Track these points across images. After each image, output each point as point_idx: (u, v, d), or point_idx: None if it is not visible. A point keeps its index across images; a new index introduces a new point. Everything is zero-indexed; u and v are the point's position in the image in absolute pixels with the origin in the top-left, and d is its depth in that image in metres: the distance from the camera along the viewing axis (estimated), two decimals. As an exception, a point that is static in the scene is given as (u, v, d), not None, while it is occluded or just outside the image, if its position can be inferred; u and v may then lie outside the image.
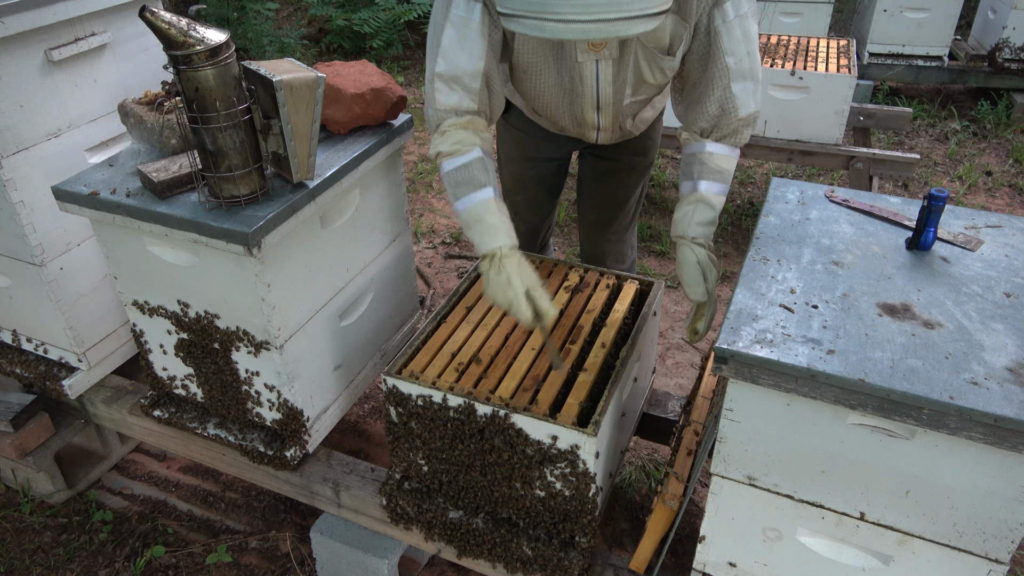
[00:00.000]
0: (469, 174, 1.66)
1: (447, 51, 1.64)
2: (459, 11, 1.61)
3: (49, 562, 2.28)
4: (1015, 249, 1.53)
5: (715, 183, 1.72)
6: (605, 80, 1.76)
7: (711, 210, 1.71)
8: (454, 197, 1.69)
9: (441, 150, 1.69)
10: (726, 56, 1.63)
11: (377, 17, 6.15)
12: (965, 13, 5.74)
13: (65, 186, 1.78)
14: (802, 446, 1.34)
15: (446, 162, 1.69)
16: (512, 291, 1.59)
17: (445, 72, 1.65)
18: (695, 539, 1.57)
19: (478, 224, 1.65)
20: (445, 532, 1.80)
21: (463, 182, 1.66)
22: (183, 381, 2.04)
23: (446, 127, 1.69)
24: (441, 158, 1.70)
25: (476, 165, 1.66)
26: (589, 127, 1.91)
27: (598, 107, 1.83)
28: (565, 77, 1.76)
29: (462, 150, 1.67)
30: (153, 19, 1.48)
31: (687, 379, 3.00)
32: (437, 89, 1.67)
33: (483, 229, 1.64)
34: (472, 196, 1.65)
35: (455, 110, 1.68)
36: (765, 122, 3.58)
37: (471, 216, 1.66)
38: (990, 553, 1.29)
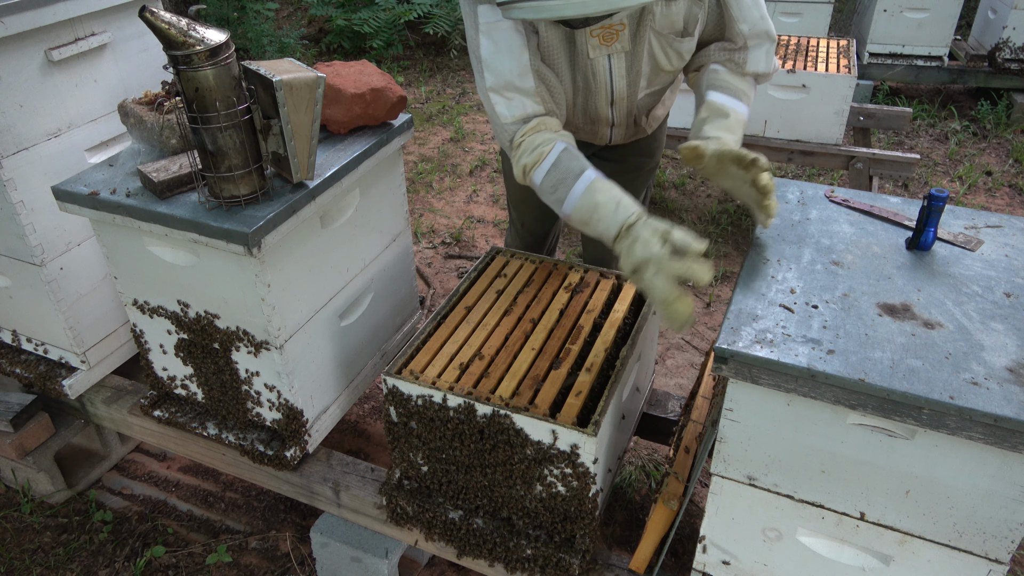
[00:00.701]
0: (561, 171, 1.57)
1: (489, 62, 1.59)
2: (486, 18, 1.57)
3: (49, 562, 2.28)
4: (1015, 249, 1.53)
5: (726, 95, 1.65)
6: (618, 75, 1.73)
7: (723, 117, 1.61)
8: (558, 203, 1.57)
9: (526, 163, 1.61)
10: (739, 24, 1.66)
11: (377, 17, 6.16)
12: (965, 13, 5.74)
13: (65, 186, 1.78)
14: (802, 446, 1.34)
15: (535, 173, 1.60)
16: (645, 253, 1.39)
17: (496, 83, 1.60)
18: (695, 539, 1.57)
19: (596, 211, 1.51)
20: (445, 532, 1.80)
21: (559, 182, 1.57)
22: (183, 381, 2.04)
23: (519, 139, 1.62)
24: (529, 173, 1.61)
25: (564, 158, 1.58)
26: (603, 124, 1.89)
27: (612, 102, 1.81)
28: (579, 76, 1.74)
29: (544, 152, 1.60)
30: (153, 19, 1.48)
31: (687, 379, 3.00)
32: (495, 104, 1.61)
33: (602, 214, 1.50)
34: (574, 190, 1.55)
35: (521, 119, 1.62)
36: (765, 122, 3.59)
37: (585, 209, 1.53)
38: (990, 553, 1.29)
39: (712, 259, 1.50)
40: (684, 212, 4.16)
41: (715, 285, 3.57)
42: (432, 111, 5.38)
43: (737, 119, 1.64)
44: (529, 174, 1.61)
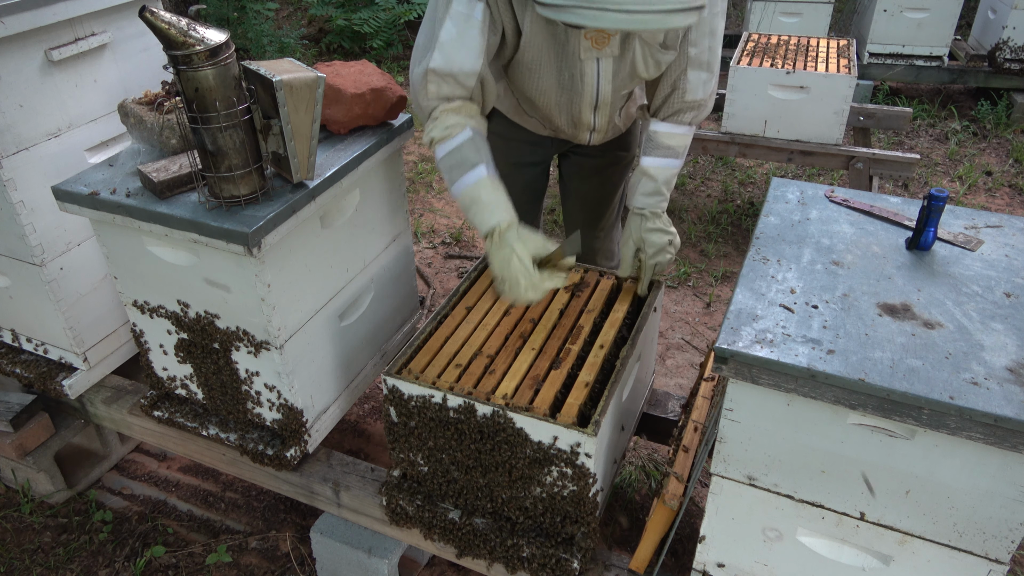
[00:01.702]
0: (460, 156, 1.66)
1: (445, 47, 1.61)
2: (460, 7, 1.59)
3: (49, 562, 2.28)
4: (1015, 249, 1.53)
5: (657, 157, 1.85)
6: (605, 78, 1.76)
7: (652, 182, 1.84)
8: (450, 182, 1.68)
9: (434, 136, 1.68)
10: (690, 46, 1.73)
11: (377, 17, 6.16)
12: (965, 13, 5.74)
13: (65, 186, 1.78)
14: (802, 446, 1.34)
15: (439, 147, 1.68)
16: (516, 262, 1.59)
17: (440, 68, 1.63)
18: (695, 539, 1.57)
19: (475, 205, 1.64)
20: (445, 532, 1.80)
21: (455, 165, 1.66)
22: (183, 381, 2.04)
23: (438, 113, 1.68)
24: (435, 145, 1.69)
25: (467, 146, 1.66)
26: (584, 128, 1.92)
27: (596, 106, 1.83)
28: (565, 75, 1.76)
29: (453, 133, 1.66)
30: (153, 19, 1.48)
31: (687, 379, 3.00)
32: (430, 82, 1.65)
33: (480, 209, 1.63)
34: (465, 178, 1.65)
35: (446, 98, 1.67)
36: (765, 122, 3.59)
37: (467, 198, 1.65)
38: (990, 553, 1.29)
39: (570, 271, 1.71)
40: (684, 212, 4.16)
41: (715, 285, 3.57)
42: (432, 111, 5.38)
43: (666, 178, 1.86)
44: (434, 146, 1.70)
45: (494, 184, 1.66)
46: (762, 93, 3.51)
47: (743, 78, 3.52)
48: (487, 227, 1.63)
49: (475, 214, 1.64)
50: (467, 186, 1.65)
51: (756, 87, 3.51)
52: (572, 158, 2.21)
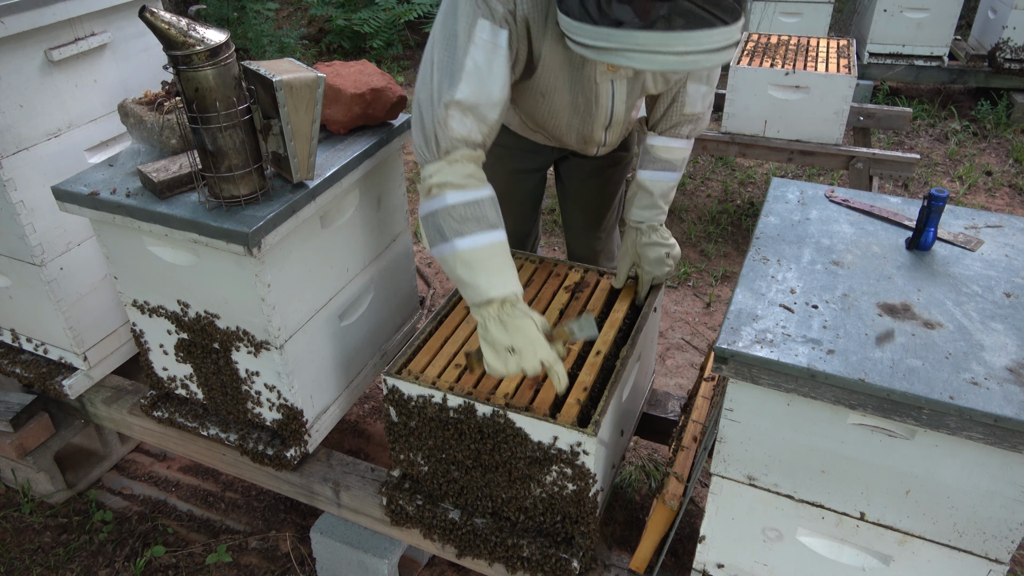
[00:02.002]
0: (481, 211, 1.53)
1: (473, 77, 1.48)
2: (484, 35, 1.47)
3: (49, 562, 2.28)
4: (1015, 249, 1.53)
5: (654, 171, 1.87)
6: (619, 99, 1.75)
7: (648, 195, 1.87)
8: (454, 233, 1.52)
9: (449, 180, 1.52)
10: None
11: (377, 17, 6.16)
12: (965, 13, 5.74)
13: (65, 186, 1.78)
14: (802, 446, 1.34)
15: (452, 193, 1.52)
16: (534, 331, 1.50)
17: (467, 100, 1.49)
18: (695, 539, 1.57)
19: (485, 264, 1.51)
20: (445, 532, 1.80)
21: (471, 218, 1.52)
22: (183, 381, 2.04)
23: (457, 156, 1.54)
24: (446, 189, 1.52)
25: (489, 204, 1.55)
26: (593, 144, 1.91)
27: (608, 125, 1.82)
28: (580, 99, 1.73)
29: (474, 184, 1.54)
30: (153, 19, 1.48)
31: (687, 379, 3.00)
32: (451, 116, 1.51)
33: (491, 273, 1.51)
34: (483, 235, 1.52)
35: (466, 141, 1.54)
36: (765, 122, 3.59)
37: (478, 256, 1.52)
38: (990, 553, 1.29)
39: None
40: (684, 212, 4.16)
41: (715, 285, 3.57)
42: (432, 111, 5.38)
43: (663, 191, 1.88)
44: (443, 189, 1.53)
45: (507, 250, 1.56)
46: (762, 93, 3.51)
47: (743, 78, 3.52)
48: (498, 293, 1.50)
49: (483, 277, 1.51)
50: (480, 245, 1.52)
51: (756, 87, 3.51)
52: (572, 160, 2.20)
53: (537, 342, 1.50)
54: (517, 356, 1.49)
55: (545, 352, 1.51)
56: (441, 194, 1.53)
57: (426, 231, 1.58)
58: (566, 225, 2.40)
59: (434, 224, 1.55)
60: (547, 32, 1.55)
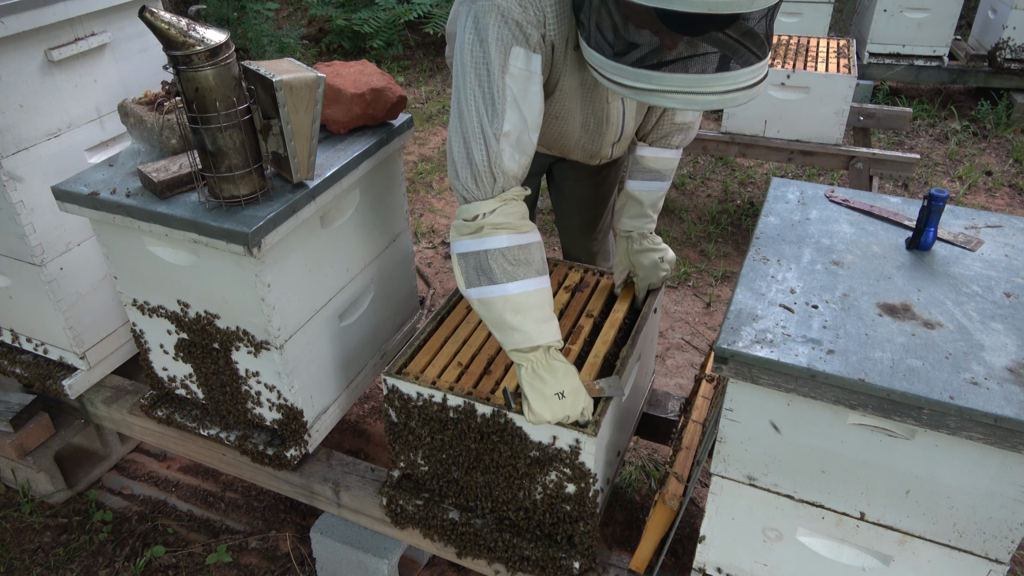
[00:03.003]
0: (530, 255, 1.51)
1: (513, 107, 1.45)
2: (519, 63, 1.44)
3: (49, 562, 2.28)
4: (1015, 249, 1.53)
5: (643, 180, 1.89)
6: (629, 116, 1.76)
7: (638, 205, 1.89)
8: (507, 276, 1.48)
9: (508, 222, 1.48)
10: None
11: (377, 17, 6.15)
12: (965, 13, 5.74)
13: (65, 186, 1.78)
14: (802, 446, 1.34)
15: (507, 236, 1.48)
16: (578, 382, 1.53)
17: (514, 131, 1.46)
18: (695, 539, 1.57)
19: (535, 310, 1.49)
20: (445, 532, 1.80)
21: (523, 262, 1.49)
22: (183, 381, 2.04)
23: (511, 195, 1.50)
24: (502, 230, 1.48)
25: (538, 249, 1.53)
26: (599, 158, 1.91)
27: (617, 142, 1.83)
28: (591, 119, 1.73)
29: (527, 227, 1.52)
30: (153, 19, 1.48)
31: (687, 379, 3.00)
32: (503, 151, 1.46)
33: (541, 317, 1.50)
34: (534, 280, 1.50)
35: (516, 177, 1.50)
36: (765, 122, 3.59)
37: (530, 301, 1.49)
38: (990, 553, 1.29)
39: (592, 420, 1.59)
40: (684, 212, 4.16)
41: (715, 285, 3.57)
42: (432, 111, 5.38)
43: (652, 200, 1.90)
44: (499, 230, 1.49)
45: (552, 299, 1.55)
46: (762, 93, 3.51)
47: (743, 78, 3.51)
48: (547, 340, 1.49)
49: (532, 323, 1.48)
50: (531, 290, 1.49)
51: (756, 87, 3.50)
52: (567, 163, 2.20)
53: (581, 390, 1.53)
54: (564, 402, 1.50)
55: (587, 399, 1.54)
56: (496, 235, 1.48)
57: (465, 269, 1.52)
58: (561, 227, 2.38)
59: (479, 264, 1.49)
60: (567, 57, 1.54)
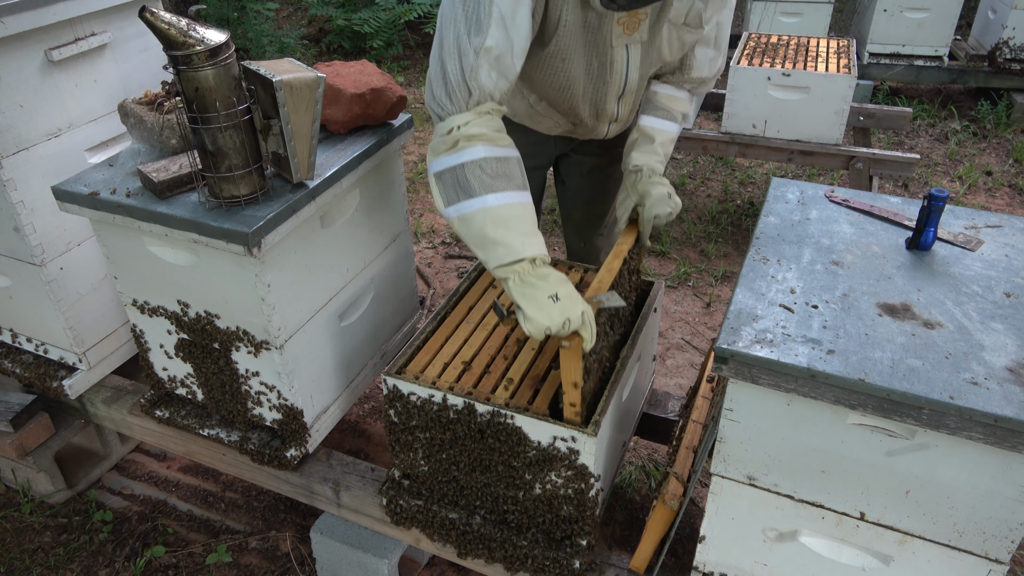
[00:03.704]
0: (509, 168, 1.48)
1: (499, 25, 1.43)
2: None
3: (49, 562, 2.28)
4: (1015, 249, 1.53)
5: (656, 117, 1.82)
6: (634, 65, 1.72)
7: (649, 141, 1.80)
8: (486, 188, 1.45)
9: (483, 132, 1.46)
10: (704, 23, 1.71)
11: (377, 17, 6.16)
12: (965, 13, 5.74)
13: (65, 186, 1.78)
14: (802, 446, 1.34)
15: (484, 147, 1.46)
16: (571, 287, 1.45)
17: (495, 47, 1.44)
18: (695, 539, 1.57)
19: (519, 223, 1.46)
20: (445, 532, 1.80)
21: (503, 175, 1.46)
22: (183, 381, 2.04)
23: (487, 108, 1.48)
24: (476, 142, 1.46)
25: (518, 164, 1.50)
26: (606, 120, 1.88)
27: (622, 95, 1.80)
28: (594, 64, 1.70)
29: (505, 141, 1.49)
30: (153, 19, 1.48)
31: (687, 379, 3.00)
32: (481, 66, 1.45)
33: (526, 230, 1.46)
34: (516, 193, 1.47)
35: (493, 95, 1.48)
36: (765, 122, 3.59)
37: (513, 213, 1.46)
38: (990, 553, 1.29)
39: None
40: (684, 212, 4.16)
41: (715, 285, 3.57)
42: (432, 111, 5.38)
43: (663, 140, 1.82)
44: (474, 142, 1.46)
45: (535, 216, 1.51)
46: (762, 93, 3.51)
47: (743, 78, 3.52)
48: (533, 252, 1.45)
49: (516, 235, 1.45)
50: (514, 203, 1.47)
51: (756, 87, 3.51)
52: (572, 158, 2.20)
53: (576, 294, 1.45)
54: (560, 304, 1.42)
55: (584, 304, 1.45)
56: (471, 147, 1.46)
57: (443, 187, 1.49)
58: (566, 224, 2.39)
59: (457, 179, 1.46)
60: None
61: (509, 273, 1.45)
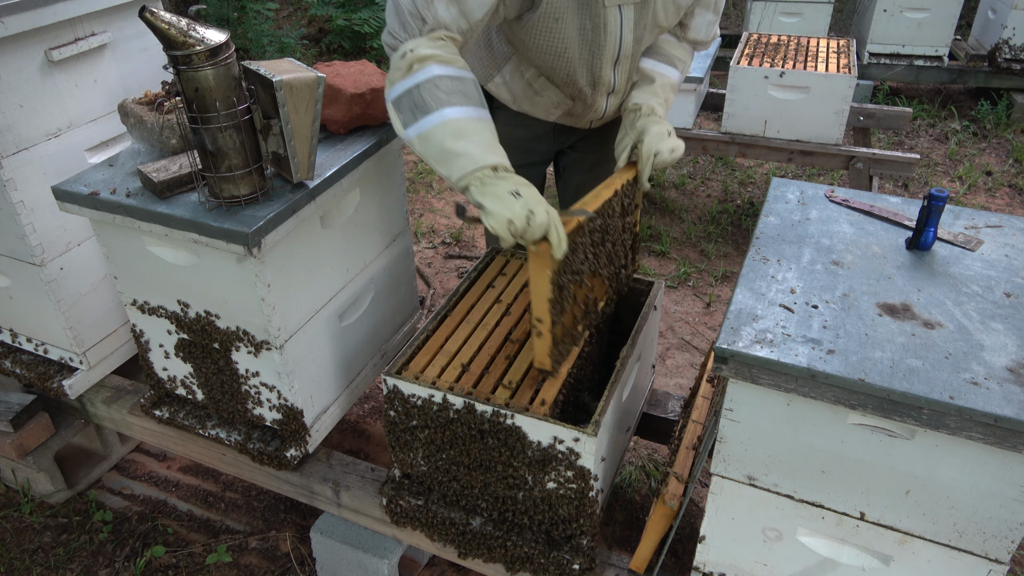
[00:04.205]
0: (468, 88, 1.46)
1: None
2: None
3: (49, 562, 2.28)
4: (1015, 249, 1.53)
5: (656, 60, 1.82)
6: (627, 27, 1.69)
7: (649, 82, 1.80)
8: (442, 103, 1.42)
9: (436, 54, 1.44)
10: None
11: (377, 17, 6.15)
12: (965, 13, 5.74)
13: (65, 186, 1.78)
14: (802, 446, 1.34)
15: (438, 67, 1.44)
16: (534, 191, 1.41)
17: None
18: (695, 539, 1.57)
19: (478, 135, 1.43)
20: (445, 532, 1.80)
21: (460, 92, 1.44)
22: (183, 381, 2.04)
23: (441, 35, 1.47)
24: (430, 62, 1.44)
25: (474, 85, 1.47)
26: (603, 89, 1.84)
27: (617, 60, 1.77)
28: (587, 25, 1.68)
29: (461, 64, 1.47)
30: (153, 19, 1.48)
31: (687, 379, 3.00)
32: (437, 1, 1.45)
33: (485, 142, 1.43)
34: (473, 109, 1.45)
35: (449, 27, 1.47)
36: (765, 122, 3.59)
37: (471, 126, 1.43)
38: (990, 553, 1.29)
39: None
40: (684, 212, 4.16)
41: (715, 285, 3.57)
42: (432, 111, 5.38)
43: (663, 83, 1.80)
44: (427, 62, 1.44)
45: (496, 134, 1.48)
46: (762, 93, 3.51)
47: (743, 78, 3.52)
48: (493, 160, 1.42)
49: (476, 146, 1.42)
50: (472, 116, 1.44)
51: (756, 87, 3.51)
52: (571, 155, 2.20)
53: (539, 196, 1.42)
54: (523, 199, 1.39)
55: (549, 208, 1.41)
56: (425, 67, 1.44)
57: (400, 113, 1.47)
58: None
59: (414, 100, 1.44)
60: None
61: (471, 180, 1.42)
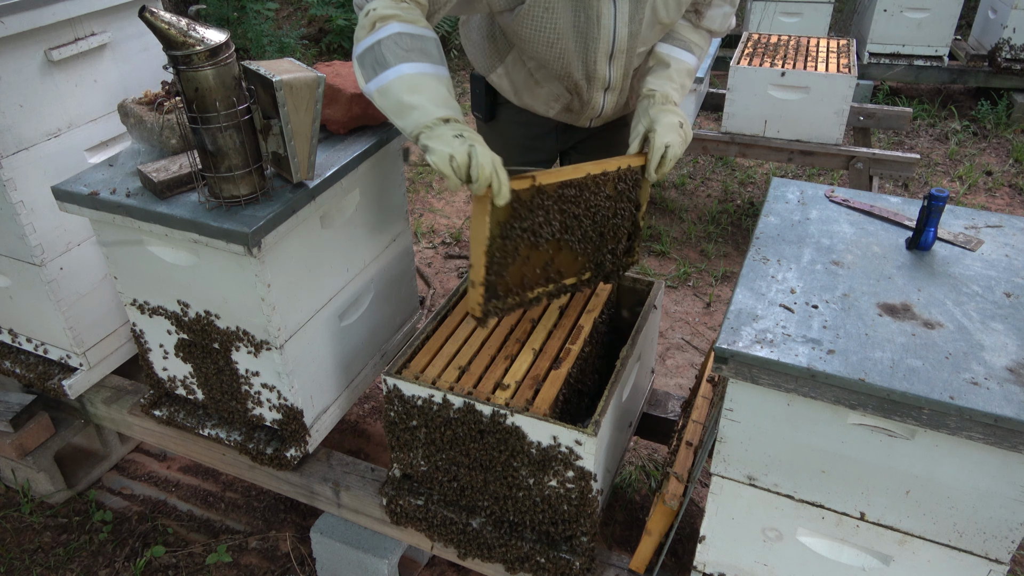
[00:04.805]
0: (427, 47, 1.50)
1: None
2: None
3: (49, 562, 2.28)
4: (1015, 249, 1.53)
5: (672, 45, 1.80)
6: (622, 21, 1.68)
7: (664, 66, 1.77)
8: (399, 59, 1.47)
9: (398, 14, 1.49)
10: None
11: (377, 17, 6.15)
12: (965, 13, 5.74)
13: (65, 186, 1.78)
14: (802, 446, 1.34)
15: (399, 24, 1.49)
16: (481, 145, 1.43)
17: None
18: (695, 539, 1.57)
19: (433, 90, 1.47)
20: (445, 532, 1.80)
21: (418, 49, 1.48)
22: (183, 381, 2.04)
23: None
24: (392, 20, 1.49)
25: (435, 44, 1.51)
26: (599, 85, 1.83)
27: (612, 54, 1.75)
28: (581, 16, 1.67)
29: (423, 24, 1.51)
30: (153, 19, 1.48)
31: (687, 379, 3.00)
32: None
33: (439, 97, 1.47)
34: (430, 66, 1.49)
35: None
36: (765, 122, 3.59)
37: (426, 82, 1.47)
38: (990, 553, 1.29)
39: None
40: (684, 212, 4.16)
41: (715, 285, 3.57)
42: (432, 111, 5.38)
43: (679, 68, 1.78)
44: (389, 21, 1.50)
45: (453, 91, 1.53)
46: (762, 93, 3.51)
47: (743, 78, 3.52)
48: (446, 114, 1.45)
49: (428, 100, 1.46)
50: (428, 72, 1.48)
51: (756, 87, 3.51)
52: (574, 156, 2.20)
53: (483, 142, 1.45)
54: (465, 140, 1.43)
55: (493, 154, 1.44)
56: (386, 25, 1.50)
57: (363, 68, 1.52)
58: None
59: (375, 56, 1.49)
60: None
61: (422, 130, 1.46)
